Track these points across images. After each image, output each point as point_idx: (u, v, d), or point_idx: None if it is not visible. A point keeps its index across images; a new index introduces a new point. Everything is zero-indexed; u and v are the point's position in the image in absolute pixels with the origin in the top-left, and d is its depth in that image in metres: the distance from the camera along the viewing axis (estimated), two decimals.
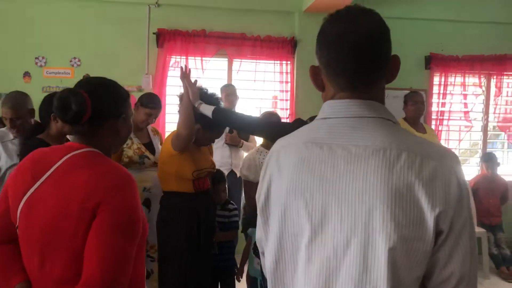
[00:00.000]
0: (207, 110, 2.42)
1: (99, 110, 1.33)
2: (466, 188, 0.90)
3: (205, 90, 2.66)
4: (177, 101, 2.75)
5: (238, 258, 3.08)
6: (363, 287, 0.87)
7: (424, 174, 0.86)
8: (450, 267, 0.88)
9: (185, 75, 2.55)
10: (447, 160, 0.89)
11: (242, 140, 3.99)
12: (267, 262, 1.04)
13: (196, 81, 2.58)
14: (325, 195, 0.92)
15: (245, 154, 4.10)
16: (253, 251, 2.86)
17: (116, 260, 1.19)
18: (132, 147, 3.07)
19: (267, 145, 3.31)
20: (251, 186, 3.18)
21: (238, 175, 4.01)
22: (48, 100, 2.54)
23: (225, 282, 2.94)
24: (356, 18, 0.95)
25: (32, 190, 1.28)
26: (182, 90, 2.62)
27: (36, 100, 4.43)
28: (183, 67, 2.59)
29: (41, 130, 2.56)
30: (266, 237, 1.06)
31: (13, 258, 1.33)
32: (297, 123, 2.44)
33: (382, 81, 0.99)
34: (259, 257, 2.83)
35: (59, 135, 2.51)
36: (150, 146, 3.20)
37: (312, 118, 3.47)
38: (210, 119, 2.41)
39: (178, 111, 2.69)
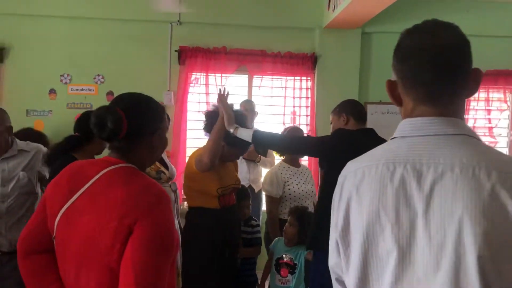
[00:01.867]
0: (245, 134, 2.37)
1: (136, 127, 1.35)
2: None
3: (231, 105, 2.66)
4: (198, 117, 2.76)
5: (258, 273, 3.06)
6: None
7: None
8: None
9: (222, 97, 2.48)
10: None
11: (259, 155, 3.99)
12: (350, 286, 1.01)
13: (232, 104, 2.52)
14: (412, 216, 0.89)
15: (262, 169, 4.10)
16: (275, 267, 2.84)
17: (152, 276, 1.20)
18: None
19: (289, 161, 3.31)
20: (273, 201, 3.17)
21: (256, 191, 4.00)
22: (87, 116, 2.55)
23: None
24: (434, 30, 0.95)
25: (69, 203, 1.30)
26: (205, 107, 2.60)
27: (61, 115, 4.55)
28: (221, 89, 2.54)
29: (74, 145, 2.52)
30: (347, 263, 1.02)
31: (49, 267, 1.35)
32: (338, 132, 2.41)
33: (461, 95, 0.96)
34: (280, 274, 2.82)
35: (98, 152, 2.52)
36: (161, 161, 3.21)
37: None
38: (235, 137, 2.39)
39: (203, 129, 2.67)
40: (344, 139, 2.33)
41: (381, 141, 2.61)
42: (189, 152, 4.55)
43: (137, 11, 4.53)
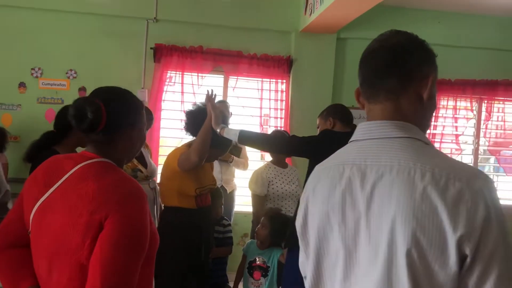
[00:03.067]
0: (231, 134, 2.39)
1: (115, 119, 1.33)
2: (496, 211, 0.85)
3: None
4: (174, 115, 2.75)
5: (229, 274, 3.06)
6: None
7: (448, 196, 0.84)
8: None
9: (210, 98, 2.50)
10: (476, 182, 0.86)
11: (232, 156, 4.01)
12: (307, 284, 1.06)
13: (219, 105, 2.56)
14: (356, 216, 0.94)
15: (235, 169, 4.12)
16: (248, 270, 2.85)
17: (119, 274, 1.18)
18: None
19: (276, 161, 3.36)
20: (259, 200, 3.20)
21: (228, 191, 4.02)
22: (65, 111, 2.53)
23: None
24: (385, 37, 1.02)
25: (44, 197, 1.29)
26: (180, 106, 2.59)
27: (30, 110, 4.42)
28: (209, 90, 2.56)
29: (55, 140, 2.52)
30: (307, 260, 1.06)
31: (23, 262, 1.33)
32: (323, 133, 2.45)
33: (406, 94, 0.98)
34: (253, 277, 2.83)
35: (78, 145, 2.49)
36: (141, 160, 3.19)
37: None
38: (218, 138, 2.41)
39: (184, 128, 2.66)
40: (328, 140, 2.40)
41: None
42: (162, 151, 4.52)
43: (112, 7, 4.46)
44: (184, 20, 4.58)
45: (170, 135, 4.61)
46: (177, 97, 4.57)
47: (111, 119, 1.32)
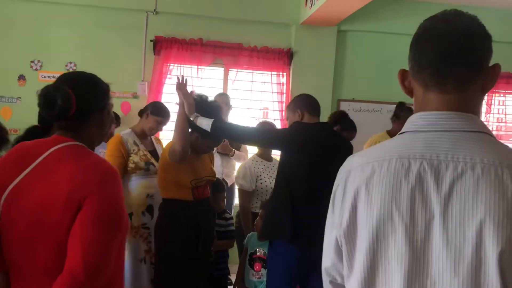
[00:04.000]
0: (204, 123, 2.40)
1: (84, 103, 1.36)
2: None
3: (205, 98, 2.66)
4: (173, 108, 2.76)
5: (230, 266, 3.07)
6: None
7: None
8: None
9: (181, 85, 2.49)
10: None
11: (233, 149, 4.01)
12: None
13: (192, 91, 2.54)
14: (428, 217, 0.84)
15: (236, 163, 4.11)
16: (249, 262, 2.86)
17: (99, 251, 1.22)
18: (138, 153, 3.08)
19: (262, 154, 3.35)
20: (246, 195, 3.19)
21: (229, 184, 4.01)
22: None
23: None
24: (450, 18, 0.92)
25: (16, 181, 1.29)
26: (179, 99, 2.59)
27: (30, 103, 4.42)
28: (179, 77, 2.54)
29: (38, 134, 2.51)
30: (351, 265, 0.95)
31: None
32: (295, 125, 2.46)
33: (473, 86, 0.90)
34: (254, 269, 2.84)
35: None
36: (154, 154, 3.22)
37: (336, 122, 3.46)
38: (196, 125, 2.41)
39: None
40: (300, 131, 2.40)
41: (337, 135, 2.67)
42: (165, 143, 4.51)
43: None
44: (184, 12, 4.56)
45: (170, 128, 4.59)
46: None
47: (80, 105, 1.34)
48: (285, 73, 4.77)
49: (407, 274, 0.85)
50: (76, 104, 1.32)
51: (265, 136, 2.55)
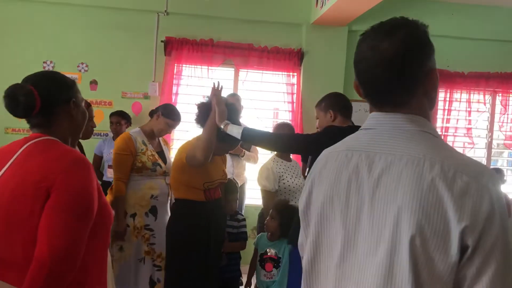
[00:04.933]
0: (235, 131, 2.32)
1: (47, 98, 1.38)
2: (500, 207, 0.87)
3: (224, 100, 2.63)
4: (187, 109, 2.73)
5: (242, 268, 3.07)
6: None
7: (455, 188, 0.86)
8: (479, 286, 0.85)
9: (216, 92, 2.41)
10: (483, 177, 0.88)
11: (244, 150, 4.01)
12: (303, 263, 1.07)
13: (225, 99, 2.46)
14: (360, 201, 0.95)
15: (246, 163, 4.12)
16: (260, 263, 2.86)
17: (65, 239, 1.23)
18: (146, 153, 3.09)
19: (282, 155, 3.33)
20: (270, 195, 3.18)
21: (239, 185, 4.02)
22: None
23: None
24: (376, 43, 0.98)
25: None
26: (190, 99, 2.56)
27: None
28: (216, 83, 2.46)
29: None
30: (306, 242, 1.09)
31: None
32: (329, 131, 2.38)
33: (413, 99, 0.98)
34: (265, 269, 2.84)
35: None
36: (162, 155, 3.23)
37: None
38: (226, 132, 2.35)
39: (195, 120, 2.64)
40: (334, 137, 2.33)
41: None
42: (175, 143, 4.54)
43: (124, 0, 4.47)
44: (195, 13, 4.57)
45: (181, 128, 4.61)
46: (188, 90, 4.58)
47: (44, 100, 1.37)
48: (295, 74, 4.76)
49: (341, 255, 0.96)
50: (40, 98, 1.35)
51: (298, 143, 2.43)
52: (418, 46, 0.97)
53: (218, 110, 2.36)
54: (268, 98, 4.78)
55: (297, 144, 2.44)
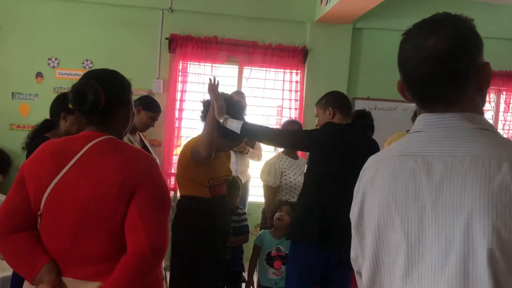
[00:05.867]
0: (234, 125, 2.35)
1: (112, 98, 1.44)
2: None
3: (229, 97, 2.64)
4: (192, 106, 2.73)
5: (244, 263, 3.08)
6: None
7: None
8: None
9: (213, 87, 2.43)
10: None
11: (248, 147, 4.02)
12: (364, 279, 1.02)
13: (222, 93, 2.49)
14: (421, 208, 0.89)
15: (250, 160, 4.13)
16: (267, 262, 2.86)
17: (160, 231, 1.35)
18: None
19: (288, 152, 3.35)
20: (271, 191, 3.20)
21: (243, 181, 4.03)
22: (60, 98, 2.58)
23: (235, 286, 2.96)
24: (425, 37, 0.94)
25: (58, 178, 1.36)
26: (195, 96, 2.56)
27: (47, 100, 4.49)
28: (211, 78, 2.49)
29: (49, 127, 2.57)
30: (363, 254, 1.03)
31: (35, 242, 1.40)
32: (327, 127, 2.42)
33: (466, 95, 0.94)
34: (273, 267, 2.84)
35: (66, 134, 2.53)
36: (147, 150, 3.18)
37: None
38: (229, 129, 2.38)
39: (201, 117, 2.66)
40: (334, 134, 2.36)
41: (367, 137, 2.65)
42: (182, 141, 4.55)
43: None
44: (199, 10, 4.58)
45: (186, 125, 4.62)
46: (193, 88, 4.58)
47: (108, 99, 1.42)
48: (299, 71, 4.75)
49: (406, 266, 0.90)
50: (105, 98, 1.40)
51: (296, 138, 2.49)
52: (467, 40, 0.93)
53: (217, 105, 2.38)
54: (272, 96, 4.77)
55: (296, 140, 2.48)
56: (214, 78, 2.50)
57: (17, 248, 1.40)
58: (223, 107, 2.40)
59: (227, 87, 4.53)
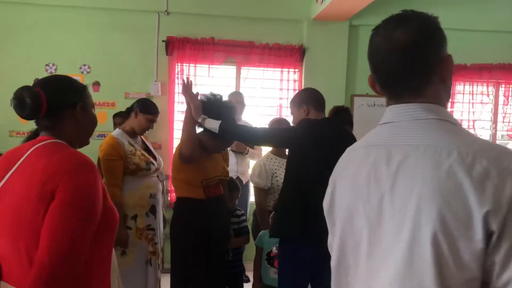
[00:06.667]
0: (212, 125, 2.37)
1: (54, 101, 1.39)
2: None
3: (219, 97, 2.65)
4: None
5: (246, 265, 3.08)
6: (408, 281, 0.89)
7: (474, 173, 0.85)
8: (507, 274, 0.83)
9: (187, 88, 2.46)
10: (504, 160, 0.86)
11: (247, 147, 4.01)
12: (332, 262, 1.09)
13: (197, 93, 2.51)
14: (381, 196, 0.95)
15: (250, 161, 4.12)
16: (267, 261, 2.86)
17: (66, 241, 1.23)
18: (136, 154, 3.01)
19: (277, 152, 3.32)
20: (262, 193, 3.18)
21: (244, 182, 4.02)
22: None
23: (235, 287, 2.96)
24: (389, 33, 1.00)
25: (3, 181, 1.36)
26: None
27: None
28: (185, 79, 2.51)
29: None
30: (333, 239, 1.10)
31: None
32: (303, 123, 2.44)
33: (430, 85, 0.99)
34: (274, 267, 2.83)
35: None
36: (149, 151, 3.18)
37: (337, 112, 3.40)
38: (221, 129, 2.38)
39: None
40: (309, 129, 2.37)
41: (343, 130, 2.64)
42: (176, 143, 4.55)
43: (124, 1, 4.48)
44: (195, 12, 4.58)
45: (180, 128, 4.61)
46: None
47: (50, 103, 1.38)
48: (297, 70, 4.75)
49: (368, 250, 0.97)
50: (47, 101, 1.37)
51: (273, 136, 2.51)
52: (431, 33, 0.98)
53: (193, 105, 2.40)
54: (270, 95, 4.77)
55: (273, 137, 2.49)
56: (188, 78, 2.52)
57: None
58: (199, 107, 2.42)
59: (225, 88, 4.53)
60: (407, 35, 0.97)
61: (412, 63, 0.97)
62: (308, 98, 2.50)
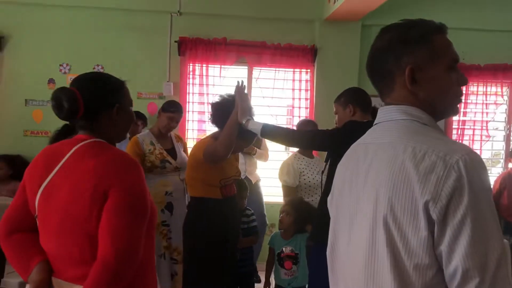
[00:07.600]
0: (255, 127, 2.32)
1: (92, 102, 1.41)
2: (473, 184, 0.89)
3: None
4: (200, 108, 2.75)
5: (259, 266, 3.09)
6: (370, 267, 1.00)
7: (421, 166, 0.93)
8: (454, 261, 0.89)
9: (240, 89, 2.43)
10: (453, 156, 0.91)
11: (255, 148, 4.03)
12: (327, 250, 1.21)
13: (247, 96, 2.48)
14: (358, 188, 1.08)
15: (257, 161, 4.14)
16: (278, 262, 2.87)
17: (127, 238, 1.29)
18: (154, 153, 3.16)
19: (304, 152, 3.34)
20: (290, 191, 3.19)
21: (253, 182, 4.04)
22: None
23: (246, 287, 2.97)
24: (375, 40, 1.14)
25: (46, 181, 1.37)
26: (205, 98, 2.56)
27: None
28: (239, 81, 2.49)
29: (69, 133, 2.60)
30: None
31: (30, 244, 1.42)
32: (349, 126, 2.35)
33: (398, 90, 1.08)
34: (285, 268, 2.84)
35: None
36: (172, 152, 3.29)
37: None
38: (243, 129, 2.36)
39: (210, 120, 2.66)
40: (356, 133, 2.29)
41: None
42: (189, 142, 4.57)
43: (137, 1, 4.51)
44: (207, 12, 4.60)
45: (196, 128, 4.64)
46: (203, 90, 4.60)
47: (88, 106, 1.39)
48: (309, 70, 4.75)
49: (348, 237, 1.10)
50: (83, 103, 1.38)
51: (316, 139, 2.42)
52: (396, 44, 1.07)
53: (241, 107, 2.36)
54: (282, 95, 4.77)
55: (316, 140, 2.42)
56: (242, 81, 2.49)
57: (15, 248, 1.44)
58: (247, 109, 2.39)
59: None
60: (376, 44, 1.12)
61: (372, 70, 1.14)
62: (355, 98, 2.43)
